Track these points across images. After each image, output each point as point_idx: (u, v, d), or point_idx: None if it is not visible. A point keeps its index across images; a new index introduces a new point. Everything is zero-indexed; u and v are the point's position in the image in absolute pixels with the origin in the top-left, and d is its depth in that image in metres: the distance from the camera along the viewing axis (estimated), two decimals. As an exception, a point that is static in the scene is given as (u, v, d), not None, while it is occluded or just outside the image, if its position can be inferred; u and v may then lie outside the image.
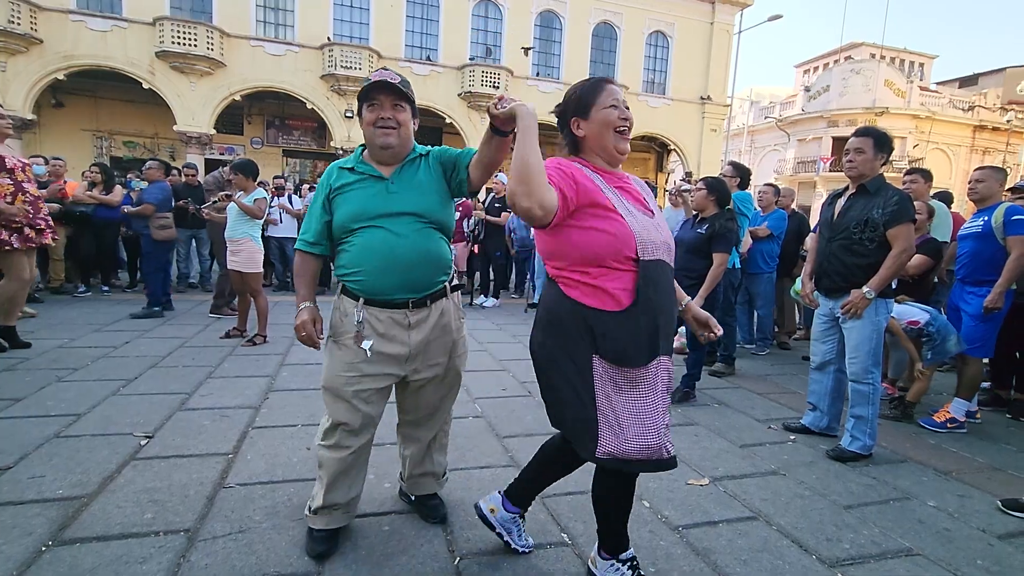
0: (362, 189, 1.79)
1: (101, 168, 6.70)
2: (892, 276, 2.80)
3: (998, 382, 4.06)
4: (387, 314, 1.79)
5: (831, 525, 2.23)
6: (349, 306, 1.82)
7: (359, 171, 1.82)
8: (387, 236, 1.74)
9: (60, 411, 2.99)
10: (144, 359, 4.10)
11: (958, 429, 3.43)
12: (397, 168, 1.82)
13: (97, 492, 2.17)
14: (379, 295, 1.78)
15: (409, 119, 1.83)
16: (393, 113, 1.78)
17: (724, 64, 21.43)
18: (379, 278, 1.76)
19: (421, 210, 1.78)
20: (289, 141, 19.93)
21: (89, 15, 15.25)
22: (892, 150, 2.92)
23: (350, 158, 1.88)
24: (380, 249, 1.74)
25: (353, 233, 1.77)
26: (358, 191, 1.79)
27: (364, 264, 1.76)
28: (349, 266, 1.80)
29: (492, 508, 1.91)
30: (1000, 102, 28.61)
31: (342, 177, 1.83)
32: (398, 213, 1.75)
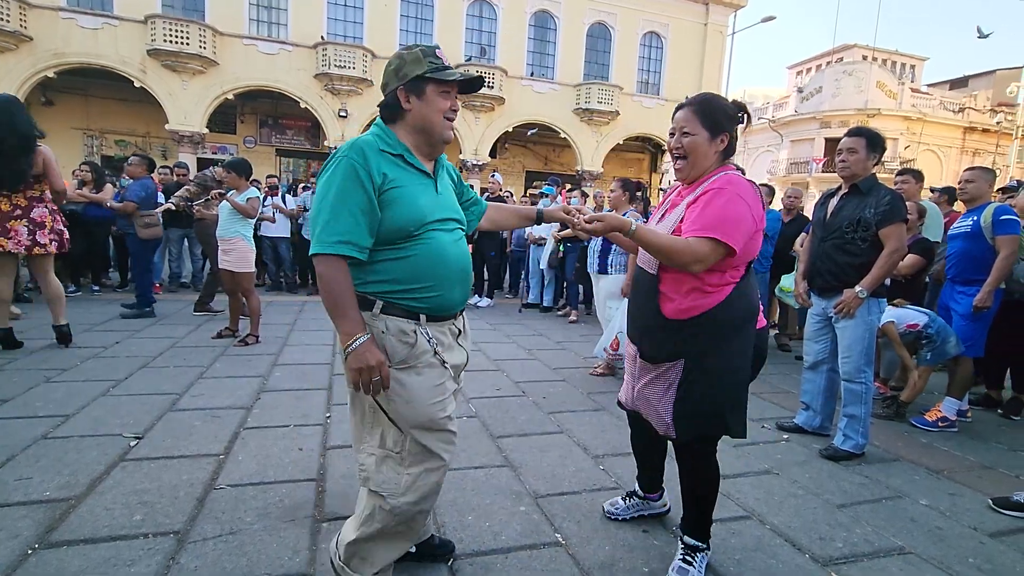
0: (418, 187, 1.50)
1: (92, 167, 6.63)
2: (884, 275, 2.82)
3: (989, 382, 4.07)
4: (446, 326, 1.59)
5: (824, 524, 2.23)
6: (405, 326, 1.48)
7: (409, 162, 1.51)
8: (449, 243, 1.54)
9: (48, 412, 2.96)
10: (135, 359, 4.06)
11: (949, 428, 3.45)
12: (433, 167, 1.60)
13: (85, 494, 2.14)
14: (448, 310, 1.56)
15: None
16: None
17: (718, 65, 21.51)
18: (451, 291, 1.53)
19: (459, 216, 1.66)
20: (282, 140, 19.83)
21: (80, 12, 15.11)
22: (884, 150, 2.93)
23: (387, 141, 1.50)
24: (449, 258, 1.52)
25: (413, 239, 1.46)
26: (414, 188, 1.49)
27: (433, 276, 1.49)
28: (406, 280, 1.47)
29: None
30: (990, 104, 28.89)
31: (389, 167, 1.45)
32: (448, 218, 1.57)
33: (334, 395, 3.50)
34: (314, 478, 2.39)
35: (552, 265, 7.10)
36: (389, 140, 1.50)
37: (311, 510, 2.13)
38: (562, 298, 7.37)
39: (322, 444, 2.75)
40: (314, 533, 1.97)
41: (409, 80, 1.48)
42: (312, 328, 5.46)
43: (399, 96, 1.50)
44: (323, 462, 2.55)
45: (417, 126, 1.52)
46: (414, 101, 1.50)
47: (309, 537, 1.94)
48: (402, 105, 1.51)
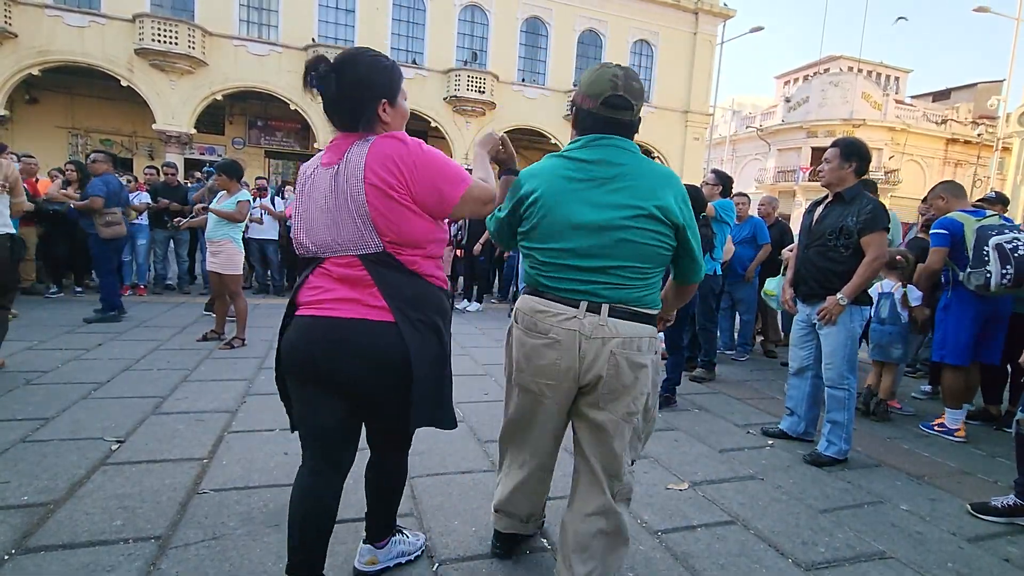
0: None
1: (77, 166, 6.53)
2: (865, 283, 2.86)
3: (987, 397, 3.95)
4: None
5: (807, 529, 2.25)
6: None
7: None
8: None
9: (27, 415, 2.90)
10: (117, 362, 4.00)
11: (945, 434, 3.53)
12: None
13: (64, 498, 2.11)
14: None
15: None
16: None
17: (707, 74, 21.77)
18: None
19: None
20: (272, 142, 19.72)
21: (66, 10, 14.94)
22: (864, 159, 2.96)
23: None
24: None
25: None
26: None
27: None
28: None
29: (371, 560, 1.77)
30: (971, 116, 29.50)
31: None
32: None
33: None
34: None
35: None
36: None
37: (296, 515, 2.10)
38: (551, 303, 7.37)
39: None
40: (298, 538, 1.95)
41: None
42: (299, 331, 5.41)
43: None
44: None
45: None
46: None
47: (293, 542, 1.92)
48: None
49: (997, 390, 3.97)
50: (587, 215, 1.50)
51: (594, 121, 1.55)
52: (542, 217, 1.54)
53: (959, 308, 3.49)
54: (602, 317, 1.51)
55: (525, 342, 1.59)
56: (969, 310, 3.44)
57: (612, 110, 1.52)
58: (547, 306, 1.56)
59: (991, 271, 3.14)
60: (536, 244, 1.58)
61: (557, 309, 1.54)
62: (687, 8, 20.99)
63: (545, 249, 1.56)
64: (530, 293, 1.63)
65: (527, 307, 1.61)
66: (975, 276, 3.24)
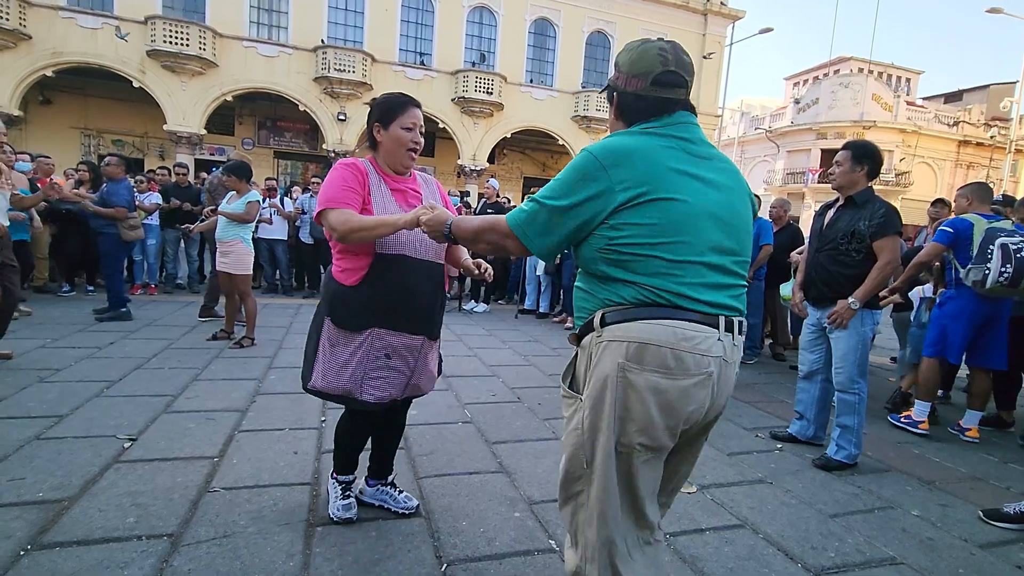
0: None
1: (89, 166, 6.61)
2: (877, 287, 2.85)
3: (1000, 403, 3.93)
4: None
5: (817, 534, 2.24)
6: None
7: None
8: None
9: (41, 412, 2.94)
10: (129, 360, 4.04)
11: (910, 426, 3.61)
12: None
13: (79, 495, 2.13)
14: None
15: None
16: None
17: (715, 75, 21.69)
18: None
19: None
20: (280, 143, 19.85)
21: (79, 12, 15.12)
22: (876, 162, 2.95)
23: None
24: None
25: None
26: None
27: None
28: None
29: (360, 490, 2.20)
30: (984, 118, 29.19)
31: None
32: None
33: (329, 399, 3.50)
34: (309, 482, 2.38)
35: (549, 271, 7.13)
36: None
37: (305, 514, 2.12)
38: (558, 304, 7.39)
39: (317, 448, 2.74)
40: (308, 537, 1.97)
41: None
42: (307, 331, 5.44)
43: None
44: (318, 466, 2.54)
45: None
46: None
47: (303, 541, 1.94)
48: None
49: (1011, 396, 3.95)
50: (717, 201, 1.24)
51: (647, 104, 1.29)
52: (663, 206, 1.18)
53: (957, 306, 3.49)
54: (735, 337, 1.26)
55: (665, 388, 1.17)
56: (967, 309, 3.46)
57: (666, 89, 1.27)
58: (696, 331, 1.19)
59: (991, 268, 3.18)
60: (661, 239, 1.18)
61: (707, 333, 1.19)
62: (696, 9, 20.93)
63: (674, 244, 1.19)
64: (658, 316, 1.18)
65: (667, 337, 1.17)
66: (974, 272, 3.28)
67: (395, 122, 1.84)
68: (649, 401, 1.18)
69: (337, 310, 1.88)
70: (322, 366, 1.90)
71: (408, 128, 1.85)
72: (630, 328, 1.19)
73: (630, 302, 1.21)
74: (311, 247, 7.79)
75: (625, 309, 1.21)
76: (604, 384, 1.21)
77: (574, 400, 1.29)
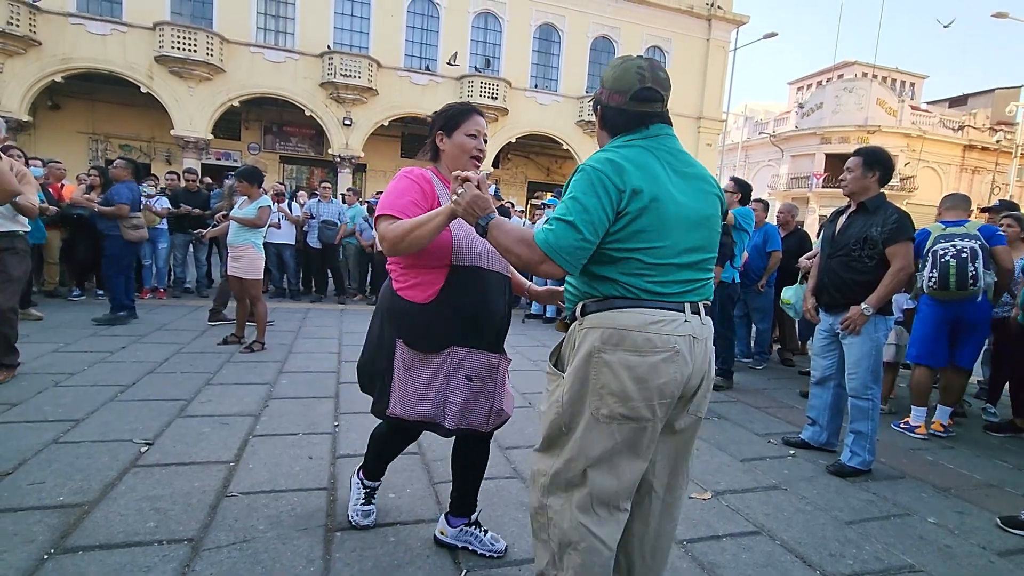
0: None
1: (100, 171, 6.65)
2: (890, 293, 2.84)
3: (1016, 410, 3.93)
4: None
5: (834, 540, 2.24)
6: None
7: None
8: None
9: (58, 416, 2.96)
10: (141, 364, 4.07)
11: (907, 431, 3.71)
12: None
13: (98, 499, 2.15)
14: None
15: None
16: None
17: (720, 80, 21.71)
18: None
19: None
20: (286, 147, 19.94)
21: (89, 19, 15.25)
22: (888, 168, 2.95)
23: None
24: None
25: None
26: None
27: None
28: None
29: (441, 531, 2.03)
30: (989, 123, 29.12)
31: None
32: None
33: (341, 403, 3.51)
34: (325, 487, 2.39)
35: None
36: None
37: (323, 519, 2.13)
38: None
39: (332, 453, 2.75)
40: (327, 543, 1.97)
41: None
42: (317, 336, 5.47)
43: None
44: (333, 471, 2.55)
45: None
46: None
47: (323, 546, 1.95)
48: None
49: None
50: (693, 206, 1.42)
51: (627, 118, 1.46)
52: (653, 213, 1.35)
53: (921, 312, 3.79)
54: (702, 316, 1.45)
55: (636, 364, 1.35)
56: (927, 313, 3.71)
57: (644, 103, 1.44)
58: (660, 315, 1.37)
59: (923, 274, 3.53)
60: (642, 244, 1.36)
61: (671, 316, 1.38)
62: (700, 15, 20.97)
63: (653, 249, 1.36)
64: (627, 305, 1.38)
65: (635, 322, 1.36)
66: (917, 279, 3.62)
67: (459, 129, 1.79)
68: (623, 375, 1.35)
69: (410, 330, 1.73)
70: (399, 392, 1.75)
71: (472, 135, 1.79)
72: (605, 316, 1.39)
73: (605, 295, 1.41)
74: (318, 251, 7.82)
75: (602, 300, 1.41)
76: (583, 363, 1.40)
77: (557, 377, 1.49)
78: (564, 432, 1.44)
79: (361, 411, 3.36)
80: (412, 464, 2.67)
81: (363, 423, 3.18)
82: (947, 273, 3.41)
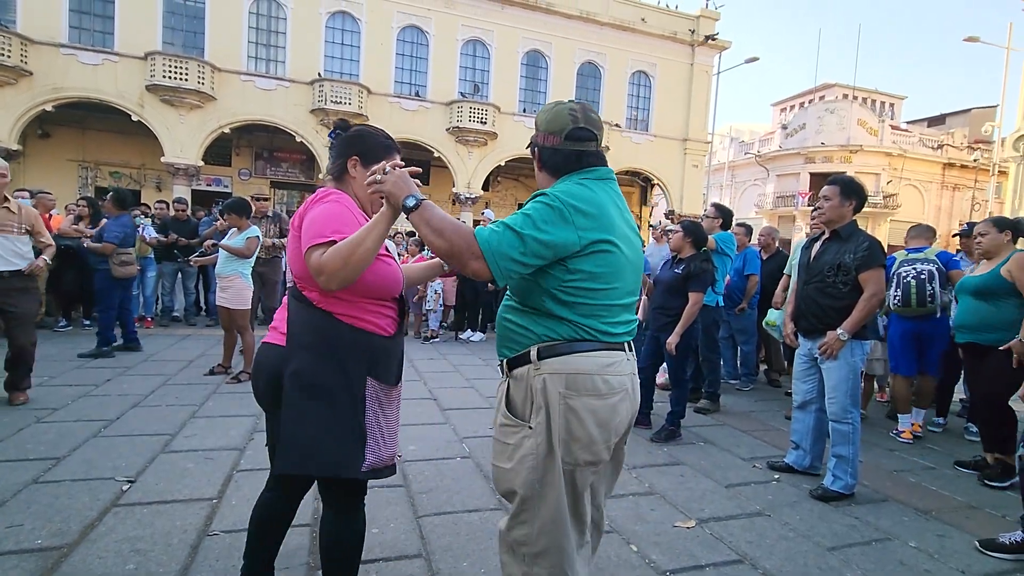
0: None
1: (89, 202, 6.67)
2: (865, 318, 2.91)
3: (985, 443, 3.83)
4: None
5: (815, 568, 2.25)
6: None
7: None
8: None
9: (39, 454, 2.94)
10: (126, 398, 4.04)
11: (896, 436, 4.11)
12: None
13: (77, 542, 2.13)
14: None
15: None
16: None
17: (704, 102, 22.21)
18: None
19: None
20: (277, 173, 20.05)
21: (80, 49, 15.41)
22: (862, 197, 3.05)
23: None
24: None
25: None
26: None
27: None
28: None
29: None
30: (967, 141, 29.87)
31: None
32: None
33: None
34: (308, 523, 2.38)
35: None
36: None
37: (305, 557, 2.12)
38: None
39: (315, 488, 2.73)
40: (309, 581, 1.97)
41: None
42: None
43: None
44: (317, 506, 2.54)
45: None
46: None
47: (304, 586, 1.94)
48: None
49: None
50: (636, 250, 1.49)
51: (563, 157, 1.48)
52: (611, 256, 1.39)
53: (891, 328, 4.25)
54: (632, 353, 1.52)
55: (599, 407, 1.37)
56: (897, 329, 4.16)
57: (577, 143, 1.48)
58: (613, 357, 1.42)
59: (889, 294, 3.93)
60: (599, 286, 1.38)
61: (620, 357, 1.44)
62: (684, 40, 21.53)
63: (608, 290, 1.40)
64: (586, 348, 1.38)
65: (595, 365, 1.38)
66: (887, 299, 3.93)
67: (377, 164, 1.52)
68: (588, 421, 1.38)
69: (378, 366, 1.56)
70: (382, 436, 1.57)
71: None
72: (566, 361, 1.38)
73: (565, 338, 1.40)
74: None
75: (560, 344, 1.39)
76: (551, 413, 1.37)
77: (520, 428, 1.41)
78: (538, 490, 1.39)
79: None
80: (397, 497, 2.67)
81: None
82: (909, 292, 3.91)
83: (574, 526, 1.44)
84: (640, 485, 3.01)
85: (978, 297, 3.35)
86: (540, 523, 1.39)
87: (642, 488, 2.97)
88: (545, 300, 1.40)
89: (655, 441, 3.71)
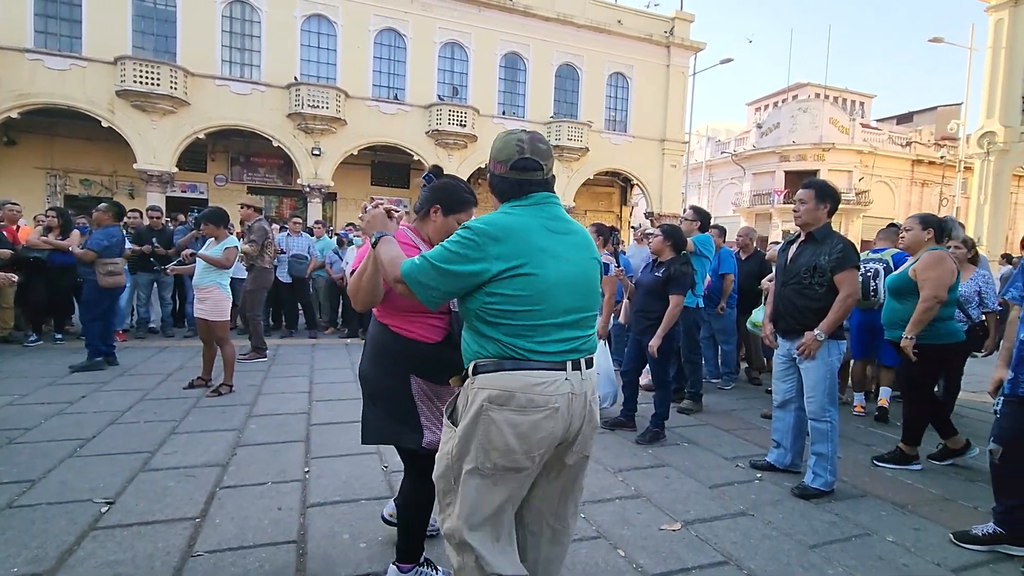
0: None
1: (59, 213, 6.49)
2: (841, 319, 2.98)
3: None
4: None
5: (798, 567, 2.30)
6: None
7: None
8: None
9: (12, 477, 2.85)
10: (103, 415, 3.94)
11: (852, 411, 4.71)
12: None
13: (55, 568, 2.08)
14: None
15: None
16: None
17: (681, 103, 22.48)
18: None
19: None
20: (254, 178, 19.73)
21: (47, 54, 14.97)
22: (836, 200, 3.13)
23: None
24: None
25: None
26: None
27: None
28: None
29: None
30: (934, 138, 30.76)
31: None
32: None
33: (312, 447, 3.47)
34: (295, 539, 2.36)
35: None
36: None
37: (293, 575, 2.10)
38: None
39: (302, 502, 2.71)
40: (296, 600, 1.95)
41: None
42: (286, 375, 5.39)
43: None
44: (303, 522, 2.52)
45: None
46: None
47: (291, 605, 1.92)
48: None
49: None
50: (572, 269, 1.56)
51: (509, 185, 1.60)
52: (528, 279, 1.47)
53: (851, 318, 4.54)
54: (583, 372, 1.57)
55: (520, 422, 1.47)
56: (853, 320, 4.61)
57: (522, 172, 1.58)
58: (543, 377, 1.49)
59: None
60: (520, 307, 1.48)
61: (552, 377, 1.50)
62: (659, 42, 21.77)
63: (531, 311, 1.49)
64: (513, 367, 1.49)
65: (519, 384, 1.48)
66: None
67: (456, 215, 1.90)
68: (507, 433, 1.48)
69: (425, 368, 1.87)
70: (433, 423, 1.86)
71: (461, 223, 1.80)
72: (494, 378, 1.50)
73: (493, 356, 1.51)
74: (288, 286, 7.73)
75: (490, 361, 1.52)
76: (473, 421, 1.51)
77: (451, 430, 1.59)
78: (454, 485, 1.56)
79: (331, 455, 3.34)
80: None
81: (333, 467, 3.15)
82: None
83: (489, 520, 1.54)
84: (627, 488, 3.04)
85: (893, 295, 3.64)
86: (459, 517, 1.54)
87: (628, 492, 3.00)
88: (475, 321, 1.54)
89: (640, 443, 3.75)
